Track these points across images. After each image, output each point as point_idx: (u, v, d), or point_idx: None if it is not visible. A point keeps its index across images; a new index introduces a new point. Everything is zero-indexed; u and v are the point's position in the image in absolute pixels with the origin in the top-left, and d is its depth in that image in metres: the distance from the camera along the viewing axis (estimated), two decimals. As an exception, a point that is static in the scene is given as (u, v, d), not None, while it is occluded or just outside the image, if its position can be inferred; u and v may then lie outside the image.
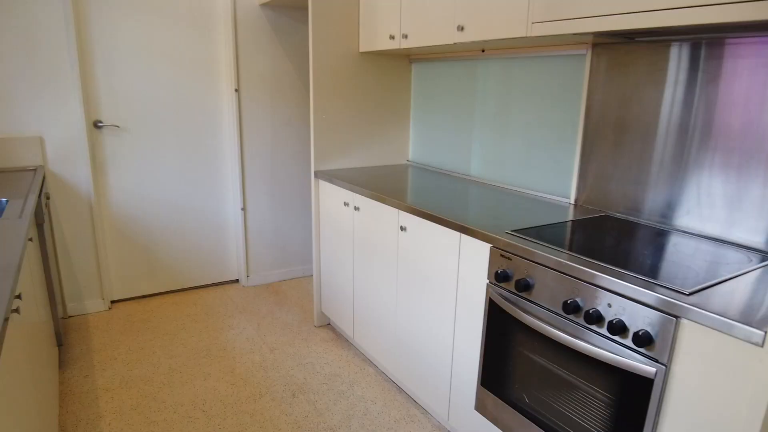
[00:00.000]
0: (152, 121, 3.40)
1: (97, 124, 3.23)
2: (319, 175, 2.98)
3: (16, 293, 1.53)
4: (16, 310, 1.49)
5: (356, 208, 2.66)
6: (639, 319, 1.32)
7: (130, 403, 2.44)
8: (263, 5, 3.52)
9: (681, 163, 1.84)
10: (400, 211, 2.30)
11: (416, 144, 3.29)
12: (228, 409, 2.40)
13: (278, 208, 3.91)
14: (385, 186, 2.59)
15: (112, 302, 3.55)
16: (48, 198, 3.09)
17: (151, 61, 3.32)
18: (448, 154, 3.03)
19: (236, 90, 3.55)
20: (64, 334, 3.10)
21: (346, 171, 3.02)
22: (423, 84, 3.15)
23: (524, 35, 1.93)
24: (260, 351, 2.94)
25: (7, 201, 2.21)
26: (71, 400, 2.45)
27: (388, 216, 2.40)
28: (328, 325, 3.30)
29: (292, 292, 3.81)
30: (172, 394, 2.51)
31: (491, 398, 1.87)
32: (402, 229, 2.30)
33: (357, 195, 2.63)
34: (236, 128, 3.60)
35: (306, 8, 3.68)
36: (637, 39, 1.92)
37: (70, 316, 3.33)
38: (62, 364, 2.77)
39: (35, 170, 2.90)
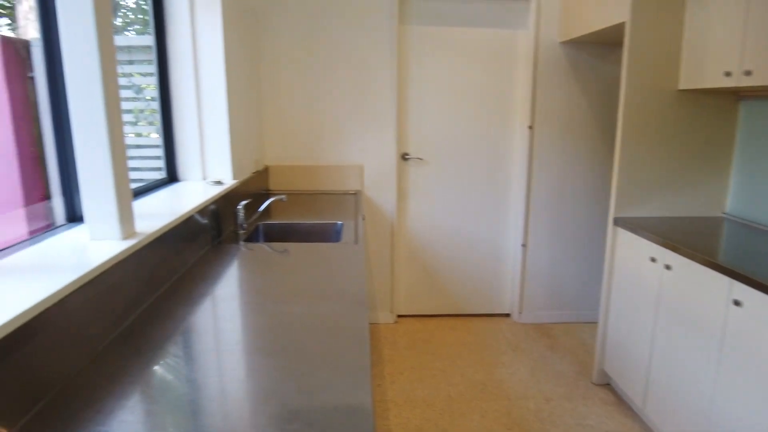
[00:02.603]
0: (449, 154, 3.64)
1: (404, 157, 3.61)
2: (619, 222, 2.76)
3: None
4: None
5: (667, 267, 2.38)
6: None
7: (414, 423, 2.61)
8: (564, 43, 3.46)
9: None
10: (734, 280, 1.96)
11: (739, 194, 2.81)
12: (506, 454, 2.39)
13: (559, 248, 3.78)
14: (704, 244, 2.26)
15: (398, 316, 3.90)
16: (363, 219, 3.57)
17: (453, 99, 3.56)
18: (791, 214, 2.50)
19: (530, 127, 3.56)
20: (359, 339, 3.52)
21: (649, 220, 2.74)
22: (755, 125, 2.67)
23: None
24: (535, 398, 2.85)
25: (341, 224, 2.59)
26: (366, 405, 2.74)
27: (714, 283, 2.07)
28: (607, 385, 3.03)
29: (565, 338, 3.63)
30: (452, 425, 2.60)
31: None
32: (736, 303, 1.96)
33: (669, 252, 2.35)
34: (525, 164, 3.61)
35: (608, 44, 3.49)
36: None
37: (363, 323, 3.77)
38: (358, 367, 3.13)
39: (355, 194, 3.37)
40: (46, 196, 3.05)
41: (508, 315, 3.99)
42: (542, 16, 3.44)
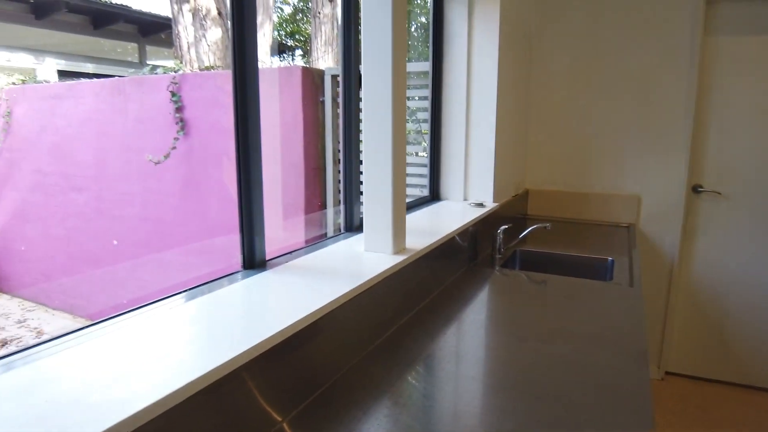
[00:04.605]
0: (760, 190, 2.95)
1: (696, 189, 3.06)
2: None
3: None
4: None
5: None
6: None
7: None
8: None
9: None
10: None
11: None
12: None
13: None
14: None
15: (666, 373, 3.32)
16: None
17: (773, 122, 2.88)
18: None
19: None
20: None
21: None
22: None
23: None
24: None
25: (612, 261, 2.30)
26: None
27: None
28: None
29: None
30: None
31: None
32: None
33: None
34: None
35: None
36: None
37: (622, 374, 3.32)
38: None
39: (628, 228, 2.99)
40: (323, 206, 3.49)
41: (829, 401, 3.05)
42: None
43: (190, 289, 1.20)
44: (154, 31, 8.58)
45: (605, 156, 3.14)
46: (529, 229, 2.45)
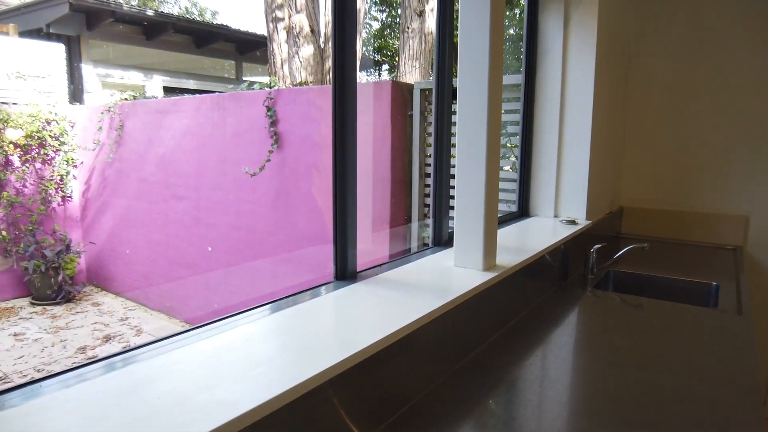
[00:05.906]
0: None
1: (816, 210, 2.78)
2: None
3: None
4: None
5: None
6: None
7: None
8: None
9: None
10: None
11: None
12: None
13: None
14: None
15: (777, 413, 3.02)
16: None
17: None
18: None
19: None
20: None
21: None
22: None
23: None
24: None
25: (717, 286, 2.13)
26: None
27: None
28: None
29: None
30: None
31: None
32: None
33: None
34: None
35: None
36: None
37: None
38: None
39: (734, 250, 2.76)
40: (408, 220, 3.50)
41: None
42: None
43: (287, 296, 1.25)
44: (250, 48, 9.10)
45: (708, 172, 2.92)
46: (626, 248, 2.32)
